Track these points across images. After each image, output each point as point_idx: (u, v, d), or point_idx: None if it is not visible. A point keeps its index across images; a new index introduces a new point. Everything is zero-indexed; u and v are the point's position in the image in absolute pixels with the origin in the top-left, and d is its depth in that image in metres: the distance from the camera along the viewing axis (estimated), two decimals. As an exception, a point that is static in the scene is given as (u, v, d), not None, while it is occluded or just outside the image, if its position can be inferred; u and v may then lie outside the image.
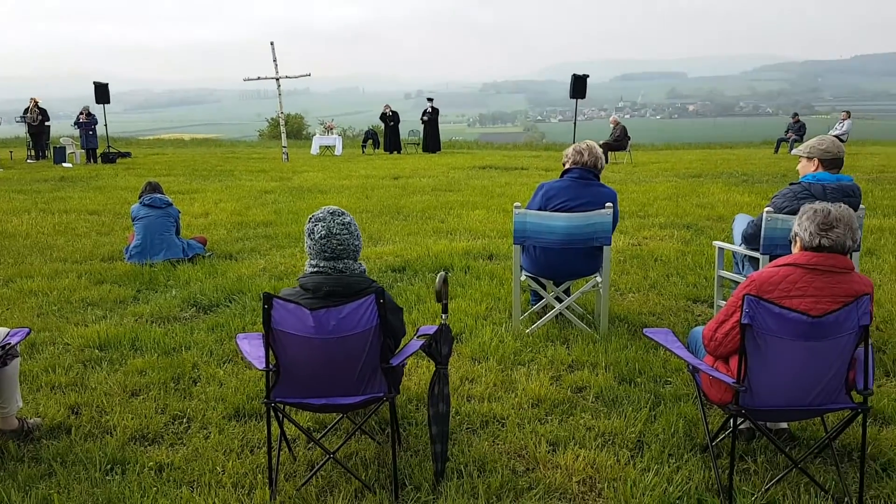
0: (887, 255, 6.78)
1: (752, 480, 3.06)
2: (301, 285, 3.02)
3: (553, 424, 3.66)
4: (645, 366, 4.31)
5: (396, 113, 24.93)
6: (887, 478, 3.06)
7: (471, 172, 16.41)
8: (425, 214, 10.02)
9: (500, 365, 4.43)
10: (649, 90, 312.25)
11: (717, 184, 12.63)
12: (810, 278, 2.82)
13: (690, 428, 3.52)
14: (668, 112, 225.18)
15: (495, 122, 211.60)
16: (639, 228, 8.68)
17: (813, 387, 2.84)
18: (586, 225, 4.77)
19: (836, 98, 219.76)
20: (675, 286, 6.08)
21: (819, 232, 2.87)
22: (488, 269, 6.67)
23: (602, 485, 3.08)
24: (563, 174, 5.02)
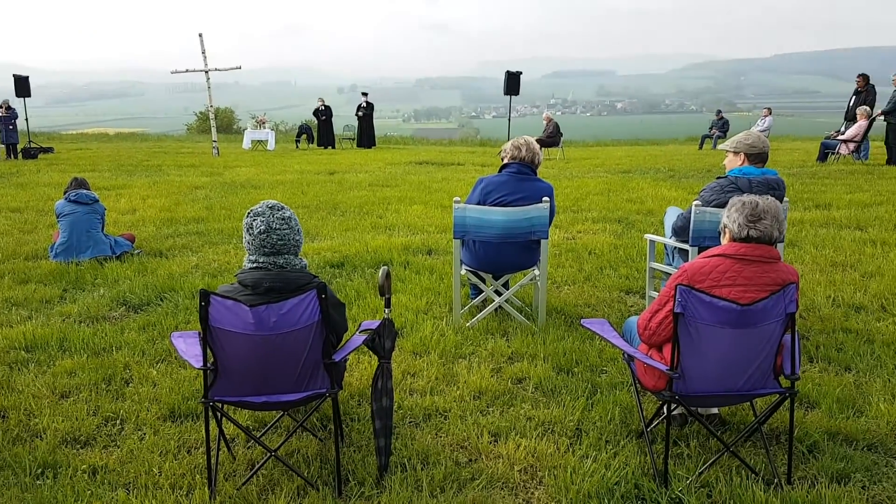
0: (808, 246, 7.11)
1: (687, 465, 3.17)
2: (240, 281, 2.97)
3: (494, 415, 3.70)
4: (582, 356, 4.40)
5: (329, 107, 24.66)
6: (813, 459, 3.21)
7: (408, 168, 16.39)
8: (363, 210, 9.96)
9: (442, 359, 4.45)
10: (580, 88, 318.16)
11: (646, 179, 12.98)
12: (739, 268, 2.94)
13: (626, 415, 3.62)
14: (598, 109, 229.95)
15: (430, 117, 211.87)
16: (573, 223, 8.84)
17: (742, 372, 2.96)
18: (524, 219, 4.84)
19: (757, 95, 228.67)
20: (608, 278, 6.22)
21: (747, 223, 2.98)
22: (428, 264, 6.69)
23: (543, 473, 3.14)
24: (502, 169, 5.07)
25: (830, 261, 6.52)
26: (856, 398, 3.76)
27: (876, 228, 7.80)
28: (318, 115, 24.44)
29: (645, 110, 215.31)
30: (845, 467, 3.10)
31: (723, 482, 3.00)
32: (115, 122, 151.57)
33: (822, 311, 5.15)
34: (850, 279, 5.90)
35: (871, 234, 7.49)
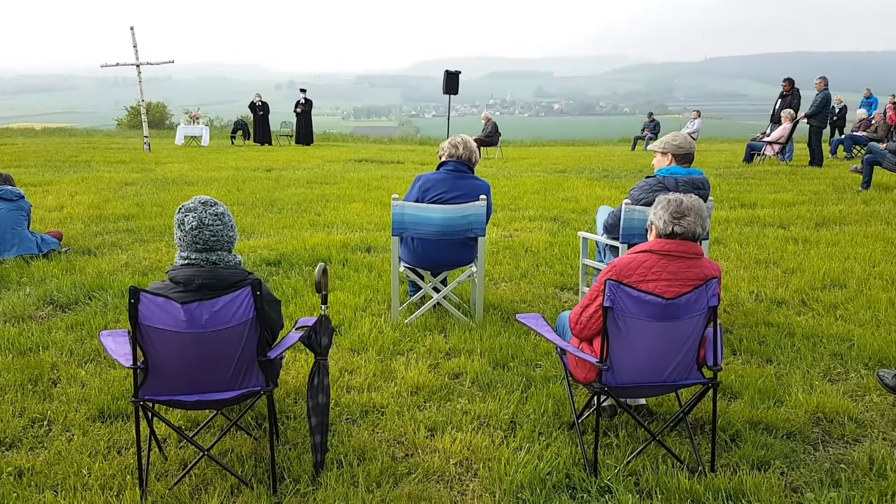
0: (733, 243, 7.39)
1: (616, 454, 3.28)
2: (171, 278, 2.92)
3: (431, 410, 3.74)
4: (517, 351, 4.49)
5: (266, 104, 24.30)
6: (736, 447, 3.36)
7: (347, 165, 16.29)
8: (301, 207, 9.87)
9: (380, 355, 4.46)
10: (518, 88, 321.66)
11: (581, 179, 13.24)
12: (664, 263, 3.05)
13: (559, 407, 3.71)
14: (536, 110, 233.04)
15: (370, 115, 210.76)
16: (510, 221, 8.96)
17: (668, 364, 3.08)
18: (462, 216, 4.89)
19: (688, 98, 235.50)
20: (544, 275, 6.34)
21: (672, 220, 3.10)
22: (367, 262, 6.68)
23: (478, 465, 3.20)
24: (439, 167, 5.12)
25: (754, 258, 6.80)
26: (776, 389, 3.95)
27: (798, 227, 8.17)
28: (256, 111, 24.04)
29: (581, 112, 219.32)
30: (765, 455, 3.25)
31: (649, 470, 3.11)
32: (43, 116, 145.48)
33: (745, 306, 5.38)
34: (773, 275, 6.18)
35: (792, 233, 7.84)
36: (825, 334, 4.74)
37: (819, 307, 5.30)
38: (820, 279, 5.96)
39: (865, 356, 4.38)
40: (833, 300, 5.43)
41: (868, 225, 8.16)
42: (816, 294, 5.61)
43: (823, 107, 14.44)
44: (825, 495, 2.91)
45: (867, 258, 6.62)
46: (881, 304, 5.28)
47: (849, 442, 3.44)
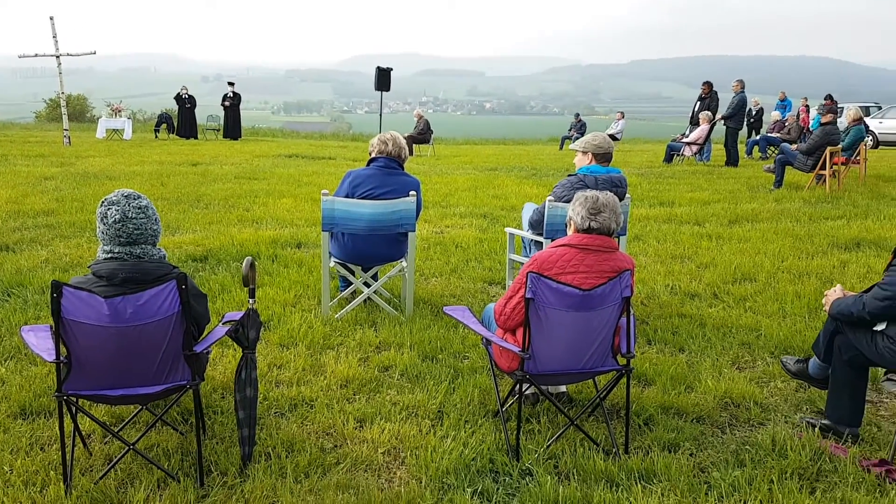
0: (651, 240, 7.71)
1: (537, 439, 3.42)
2: (94, 272, 2.89)
3: (361, 402, 3.81)
4: (446, 343, 4.59)
5: (193, 97, 23.72)
6: (648, 430, 3.55)
7: (276, 161, 16.10)
8: (228, 203, 9.73)
9: (309, 350, 4.50)
10: (450, 87, 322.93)
11: (511, 177, 13.48)
12: (582, 256, 3.21)
13: (484, 396, 3.83)
14: (468, 109, 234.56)
15: (301, 110, 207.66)
16: (441, 217, 9.08)
17: (585, 352, 3.24)
18: (392, 212, 4.97)
19: (614, 100, 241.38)
20: (473, 270, 6.48)
21: (589, 216, 3.26)
22: (297, 258, 6.67)
23: (406, 453, 3.28)
24: (370, 163, 5.18)
25: (671, 253, 7.12)
26: (687, 376, 4.18)
27: (712, 224, 8.57)
28: (182, 104, 23.44)
29: (512, 111, 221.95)
30: (676, 437, 3.45)
31: (568, 453, 3.27)
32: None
33: (661, 299, 5.64)
34: (688, 270, 6.48)
35: (707, 229, 8.22)
36: (735, 325, 5.02)
37: (730, 299, 5.61)
38: (731, 273, 6.30)
39: (772, 345, 4.66)
40: (743, 293, 5.75)
41: (778, 222, 8.63)
42: (728, 287, 5.92)
43: (739, 109, 15.12)
44: (730, 474, 3.12)
45: (776, 253, 7.02)
46: (788, 296, 5.62)
47: (754, 425, 3.68)
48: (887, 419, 3.74)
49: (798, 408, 3.85)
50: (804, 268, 6.48)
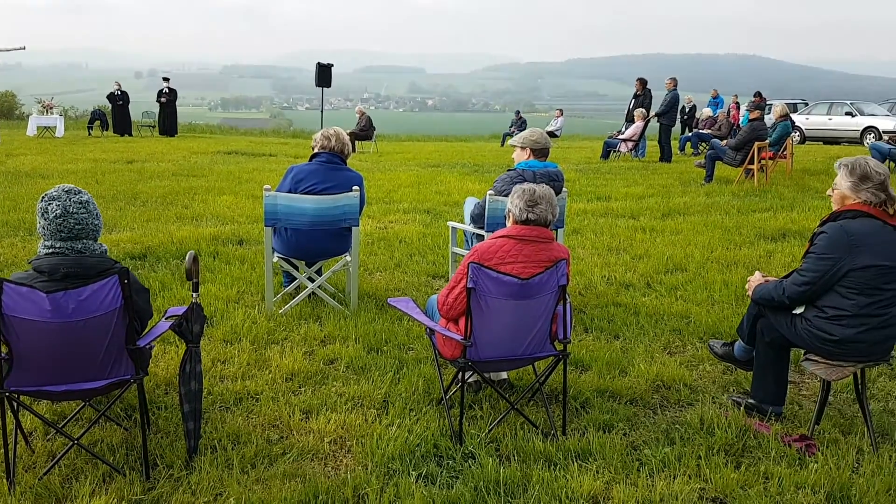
0: (589, 233, 7.94)
1: (479, 424, 3.54)
2: (35, 268, 2.87)
3: (307, 395, 3.86)
4: (391, 335, 4.67)
5: (126, 93, 23.10)
6: (585, 413, 3.71)
7: (215, 157, 15.85)
8: (166, 200, 9.57)
9: (254, 345, 4.51)
10: (392, 83, 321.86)
11: (453, 173, 13.62)
12: (520, 247, 3.34)
13: (429, 385, 3.93)
14: (410, 105, 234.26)
15: (239, 107, 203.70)
16: (385, 213, 9.14)
17: (524, 339, 3.37)
18: (335, 207, 5.01)
19: (553, 97, 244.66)
20: (417, 264, 6.57)
21: (526, 208, 3.39)
22: (239, 254, 6.64)
23: (352, 442, 3.36)
24: (312, 158, 5.21)
25: (607, 246, 7.35)
26: (622, 361, 4.36)
27: (646, 217, 8.87)
28: (115, 101, 22.80)
29: (454, 108, 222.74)
30: (610, 418, 3.62)
31: (509, 437, 3.40)
32: None
33: (598, 289, 5.84)
34: (623, 261, 6.72)
35: (642, 222, 8.51)
36: (666, 312, 5.25)
37: (662, 289, 5.85)
38: (664, 264, 6.55)
39: (701, 331, 4.90)
40: (674, 282, 6.00)
41: (708, 215, 8.98)
42: (660, 277, 6.17)
43: (672, 106, 15.61)
44: (660, 451, 3.29)
45: (706, 245, 7.32)
46: (716, 284, 5.89)
47: (684, 405, 3.88)
48: (808, 398, 3.99)
49: (725, 389, 4.07)
50: (732, 258, 6.79)
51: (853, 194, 3.28)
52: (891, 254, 3.21)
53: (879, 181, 3.23)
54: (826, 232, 3.29)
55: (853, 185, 3.27)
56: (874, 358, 3.37)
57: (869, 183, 3.24)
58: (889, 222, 3.26)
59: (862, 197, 3.26)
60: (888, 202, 3.26)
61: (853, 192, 3.28)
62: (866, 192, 3.25)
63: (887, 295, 3.24)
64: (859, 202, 3.27)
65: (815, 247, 3.31)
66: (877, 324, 3.25)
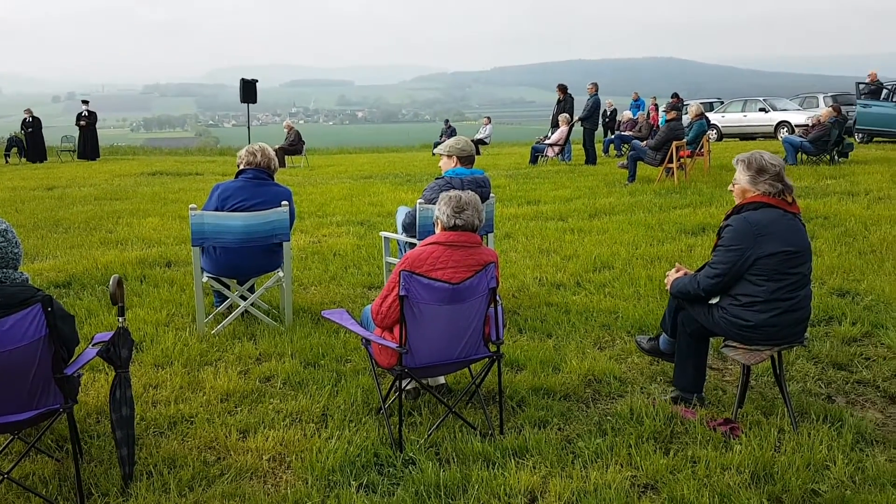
0: (521, 236, 8.10)
1: (419, 430, 3.59)
2: (-48, 301, 2.78)
3: (243, 414, 3.83)
4: (328, 349, 4.68)
5: (38, 118, 22.30)
6: (521, 411, 3.80)
7: (139, 179, 15.45)
8: (90, 225, 9.29)
9: (186, 368, 4.45)
10: (320, 96, 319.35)
11: (386, 184, 13.65)
12: (450, 253, 3.41)
13: (368, 396, 3.95)
14: (340, 118, 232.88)
15: (163, 126, 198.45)
16: (318, 227, 9.10)
17: (459, 342, 3.44)
18: (265, 223, 4.98)
19: (482, 105, 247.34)
20: (352, 276, 6.58)
21: (454, 214, 3.47)
22: (167, 277, 6.51)
23: (291, 457, 3.36)
24: (238, 175, 5.17)
25: (538, 247, 7.52)
26: (555, 358, 4.49)
27: (574, 218, 9.09)
28: (25, 128, 21.99)
29: (384, 119, 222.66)
30: (545, 415, 3.72)
31: (448, 440, 3.46)
32: None
33: (530, 290, 5.98)
34: (553, 262, 6.88)
35: (570, 224, 8.73)
36: (596, 309, 5.42)
37: (591, 287, 6.03)
38: (592, 263, 6.75)
39: (628, 325, 5.07)
40: (602, 280, 6.19)
41: (633, 213, 9.28)
42: (589, 276, 6.36)
43: (594, 110, 16.06)
44: (594, 443, 3.41)
45: (631, 242, 7.58)
46: (641, 280, 6.10)
47: (614, 397, 4.02)
48: (731, 383, 4.18)
49: (653, 379, 4.24)
50: (656, 253, 7.05)
51: (752, 187, 3.50)
52: (793, 239, 3.43)
53: (775, 172, 3.46)
54: (731, 225, 3.49)
55: (751, 178, 3.49)
56: (789, 340, 3.57)
57: (766, 175, 3.46)
58: (788, 210, 3.48)
59: (761, 189, 3.48)
60: (785, 191, 3.48)
61: (752, 184, 3.49)
62: (764, 183, 3.46)
63: (794, 279, 3.45)
64: (759, 194, 3.49)
65: (723, 239, 3.51)
66: (787, 307, 3.45)
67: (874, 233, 7.49)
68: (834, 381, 4.15)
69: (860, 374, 4.23)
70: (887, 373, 4.21)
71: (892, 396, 3.94)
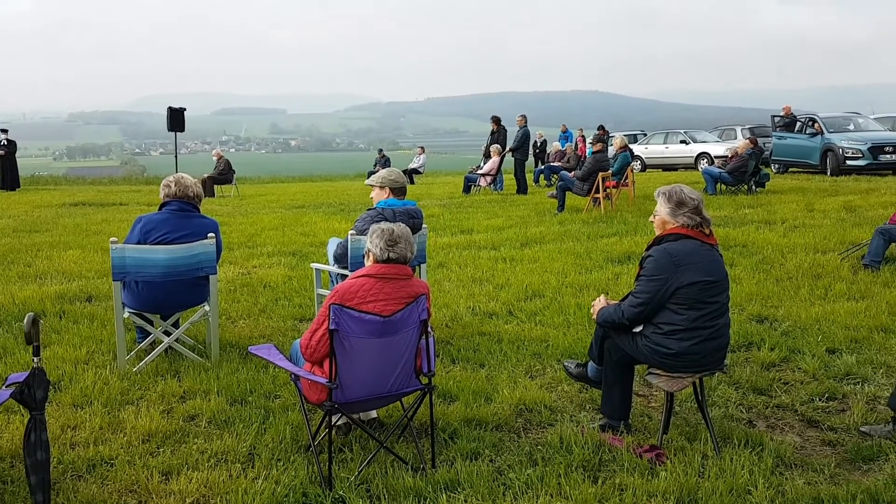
0: (454, 266, 8.15)
1: (350, 466, 3.53)
2: None
3: (166, 455, 3.70)
4: (256, 385, 4.57)
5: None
6: (453, 443, 3.79)
7: (60, 210, 14.88)
8: (7, 259, 8.87)
9: (107, 407, 4.27)
10: (252, 125, 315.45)
11: (319, 213, 13.55)
12: (381, 285, 3.40)
13: (297, 433, 3.88)
14: (273, 147, 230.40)
15: (87, 155, 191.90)
16: (248, 258, 8.94)
17: (390, 376, 3.42)
18: (190, 256, 4.87)
19: (416, 135, 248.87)
20: (283, 308, 6.47)
21: (387, 247, 3.47)
22: (87, 312, 6.27)
23: (216, 500, 3.25)
24: (162, 207, 5.05)
25: (471, 277, 7.58)
26: (487, 389, 4.51)
27: (507, 248, 9.22)
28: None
29: (318, 148, 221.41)
30: (477, 446, 3.72)
31: (379, 476, 3.41)
32: None
33: (463, 320, 6.01)
34: (486, 291, 6.95)
35: (503, 253, 8.84)
36: (527, 338, 5.48)
37: (522, 315, 6.10)
38: (524, 291, 6.84)
39: (559, 353, 5.15)
40: (533, 308, 6.28)
41: (562, 242, 9.47)
42: (521, 304, 6.44)
43: (524, 141, 16.41)
44: (524, 473, 3.43)
45: (561, 271, 7.72)
46: (571, 308, 6.21)
47: (545, 426, 4.06)
48: (656, 409, 4.28)
49: (582, 407, 4.30)
50: (584, 282, 7.20)
51: (672, 219, 3.64)
52: (711, 269, 3.57)
53: (694, 206, 3.61)
54: (653, 255, 3.61)
55: (671, 210, 3.63)
56: (709, 367, 3.69)
57: (685, 208, 3.60)
58: (706, 241, 3.63)
59: (680, 221, 3.62)
60: (703, 224, 3.64)
61: (672, 216, 3.64)
62: (683, 216, 3.61)
63: (713, 307, 3.58)
64: (678, 226, 3.63)
65: (645, 270, 3.62)
66: (707, 335, 3.57)
67: (790, 260, 7.84)
68: (754, 406, 4.30)
69: (779, 398, 4.39)
70: (804, 397, 4.39)
71: (810, 420, 4.10)
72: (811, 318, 5.79)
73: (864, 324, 5.58)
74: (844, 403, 4.30)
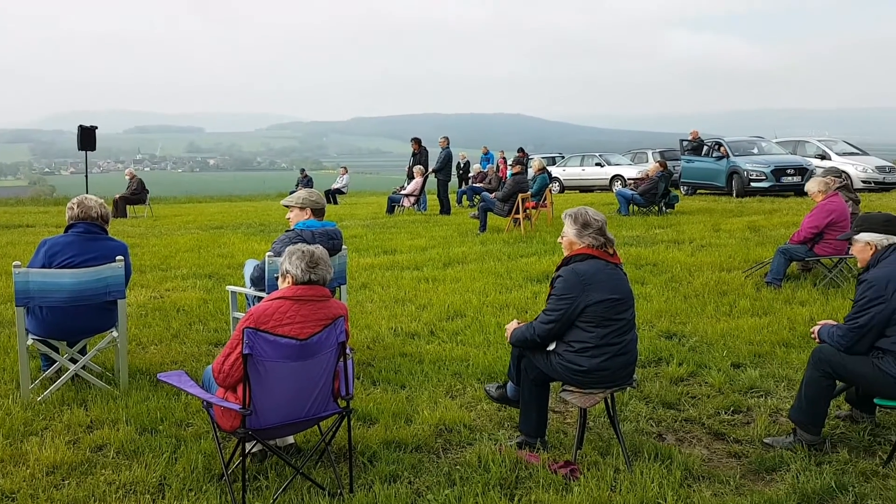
0: (377, 286, 8.13)
1: (265, 495, 3.46)
2: None
3: (71, 488, 3.54)
4: (167, 413, 4.43)
5: None
6: (372, 466, 3.77)
7: (-43, 232, 14.05)
8: None
9: (8, 438, 4.07)
10: (168, 143, 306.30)
11: (237, 234, 13.28)
12: (297, 307, 3.37)
13: (210, 461, 3.77)
14: (190, 165, 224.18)
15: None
16: (161, 281, 8.67)
17: (307, 400, 3.38)
18: (97, 280, 4.70)
19: (340, 155, 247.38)
20: (197, 333, 6.30)
21: (308, 269, 3.44)
22: (-15, 340, 5.93)
23: (124, 533, 3.13)
24: (68, 229, 4.86)
25: (394, 297, 7.58)
26: (407, 410, 4.51)
27: (429, 268, 9.26)
28: None
29: (238, 167, 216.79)
30: (396, 469, 3.72)
31: (295, 502, 3.36)
32: None
33: (385, 341, 6.00)
34: (408, 311, 6.96)
35: (425, 273, 8.87)
36: (448, 357, 5.52)
37: (444, 335, 6.14)
38: (446, 311, 6.89)
39: (479, 372, 5.20)
40: (455, 328, 6.33)
41: (484, 262, 9.59)
42: (442, 324, 6.48)
43: (447, 163, 16.60)
44: (442, 494, 3.44)
45: (482, 290, 7.81)
46: (491, 327, 6.29)
47: (464, 446, 4.09)
48: (571, 426, 4.38)
49: (501, 425, 4.36)
50: (504, 301, 7.31)
51: (578, 240, 3.79)
52: (616, 288, 3.72)
53: (598, 227, 3.77)
54: (562, 275, 3.74)
55: (577, 231, 3.78)
56: (619, 383, 3.82)
57: (590, 229, 3.76)
58: (610, 261, 3.79)
59: (585, 241, 3.77)
60: (607, 244, 3.80)
61: (578, 237, 3.78)
62: (588, 237, 3.76)
63: (620, 324, 3.72)
64: (584, 246, 3.78)
65: (556, 289, 3.74)
66: (616, 351, 3.70)
67: (697, 278, 8.19)
68: (664, 420, 4.46)
69: (687, 412, 4.57)
70: (711, 410, 4.57)
71: (717, 433, 4.28)
72: (717, 333, 6.05)
73: (766, 339, 5.87)
74: (749, 416, 4.50)
